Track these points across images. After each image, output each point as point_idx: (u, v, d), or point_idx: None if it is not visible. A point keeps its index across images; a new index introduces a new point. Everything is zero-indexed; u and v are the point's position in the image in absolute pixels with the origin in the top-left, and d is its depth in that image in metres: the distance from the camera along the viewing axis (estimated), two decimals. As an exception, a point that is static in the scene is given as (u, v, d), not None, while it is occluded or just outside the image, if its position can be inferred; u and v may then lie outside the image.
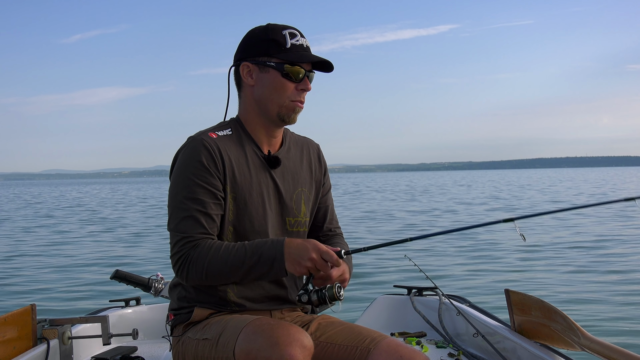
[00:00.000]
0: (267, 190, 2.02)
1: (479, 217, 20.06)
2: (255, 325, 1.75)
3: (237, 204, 1.96)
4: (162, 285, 3.04)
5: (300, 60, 1.95)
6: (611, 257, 10.42)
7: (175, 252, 1.89)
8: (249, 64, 1.99)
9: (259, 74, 1.98)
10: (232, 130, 2.03)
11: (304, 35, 2.00)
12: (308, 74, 1.99)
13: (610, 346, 2.07)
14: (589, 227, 15.52)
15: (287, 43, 1.95)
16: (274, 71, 1.95)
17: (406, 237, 1.89)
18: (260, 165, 2.02)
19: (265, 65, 1.96)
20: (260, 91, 1.99)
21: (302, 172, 2.13)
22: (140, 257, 12.05)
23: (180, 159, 1.95)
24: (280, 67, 1.94)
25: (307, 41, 2.00)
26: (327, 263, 1.78)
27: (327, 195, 2.23)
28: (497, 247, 12.11)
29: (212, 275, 1.86)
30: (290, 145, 2.13)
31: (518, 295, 2.64)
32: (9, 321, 2.32)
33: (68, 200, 43.30)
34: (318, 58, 1.97)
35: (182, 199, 1.90)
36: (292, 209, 2.07)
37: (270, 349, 1.64)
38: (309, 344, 1.69)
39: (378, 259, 10.36)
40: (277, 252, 1.81)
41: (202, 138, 1.95)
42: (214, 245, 1.86)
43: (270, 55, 1.95)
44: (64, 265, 11.15)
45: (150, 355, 2.92)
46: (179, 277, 1.91)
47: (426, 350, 2.85)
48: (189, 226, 1.88)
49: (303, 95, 2.00)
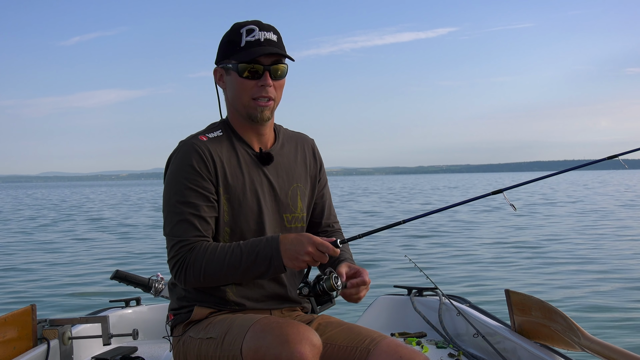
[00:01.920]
0: (261, 188, 2.02)
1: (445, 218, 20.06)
2: (264, 323, 1.75)
3: (231, 205, 1.97)
4: (162, 286, 3.04)
5: (249, 58, 1.92)
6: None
7: (172, 257, 1.90)
8: (218, 68, 2.03)
9: (226, 77, 2.01)
10: (223, 132, 2.04)
11: (267, 28, 1.96)
12: (269, 68, 1.96)
13: (610, 346, 2.07)
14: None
15: (242, 41, 1.95)
16: (234, 72, 1.97)
17: (400, 220, 1.89)
18: (253, 164, 2.03)
19: (227, 68, 1.98)
20: (230, 94, 2.02)
21: (297, 167, 2.13)
22: (140, 257, 12.05)
23: (173, 164, 1.97)
24: (235, 67, 1.95)
25: (267, 34, 1.96)
26: (325, 254, 1.79)
27: (323, 190, 2.22)
28: (497, 246, 12.11)
29: (209, 277, 1.86)
30: (283, 141, 2.13)
31: (518, 296, 2.64)
32: (9, 321, 2.32)
33: (68, 202, 43.29)
34: (270, 50, 1.93)
35: (175, 203, 1.91)
36: (289, 205, 2.07)
37: (280, 347, 1.64)
38: (317, 342, 1.70)
39: (378, 259, 10.37)
40: (273, 250, 1.81)
41: (192, 142, 1.96)
42: (210, 247, 1.87)
43: (229, 57, 1.97)
44: (64, 265, 11.15)
45: (150, 355, 2.91)
46: (177, 281, 1.93)
47: (426, 351, 2.85)
48: (184, 230, 1.89)
49: (266, 90, 1.96)
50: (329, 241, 1.80)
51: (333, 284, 1.80)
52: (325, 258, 1.79)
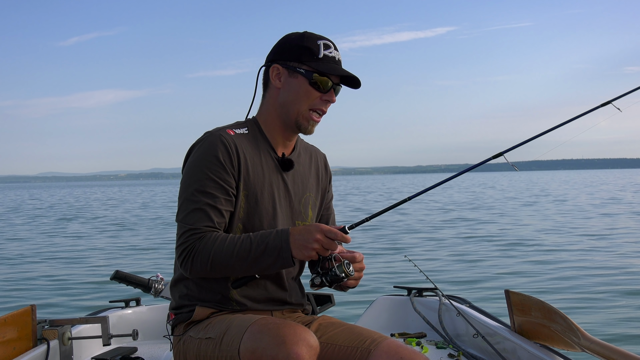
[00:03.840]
0: (277, 191, 2.03)
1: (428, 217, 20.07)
2: (261, 324, 1.75)
3: (248, 202, 1.97)
4: (162, 286, 3.04)
5: (330, 72, 1.97)
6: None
7: (181, 243, 1.90)
8: (279, 66, 2.01)
9: (288, 78, 2.00)
10: (249, 130, 2.05)
11: (338, 49, 2.03)
12: (335, 87, 2.01)
13: (610, 347, 2.07)
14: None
15: (320, 53, 1.97)
16: (303, 78, 1.97)
17: (404, 198, 1.92)
18: (274, 167, 2.04)
19: (295, 70, 1.98)
20: (286, 95, 2.01)
21: (311, 178, 2.16)
22: (140, 257, 12.05)
23: (196, 153, 1.96)
24: (309, 74, 1.97)
25: (339, 54, 2.03)
26: (334, 241, 1.80)
27: (329, 204, 2.27)
28: (497, 247, 12.12)
29: (217, 267, 1.86)
30: (300, 150, 2.17)
31: (518, 296, 2.64)
32: (9, 322, 2.32)
33: (67, 202, 43.30)
34: (348, 73, 2.00)
35: (193, 191, 1.91)
36: (301, 213, 2.10)
37: (277, 348, 1.64)
38: (315, 343, 1.70)
39: (378, 259, 10.37)
40: (283, 242, 1.82)
41: (220, 134, 1.97)
42: (220, 237, 1.87)
43: (302, 61, 1.97)
44: (64, 265, 11.15)
45: (150, 355, 2.92)
46: (183, 268, 1.91)
47: (426, 351, 2.85)
48: (197, 219, 1.88)
49: (327, 105, 2.03)
50: (338, 228, 1.81)
51: (346, 270, 1.83)
52: (335, 245, 1.80)
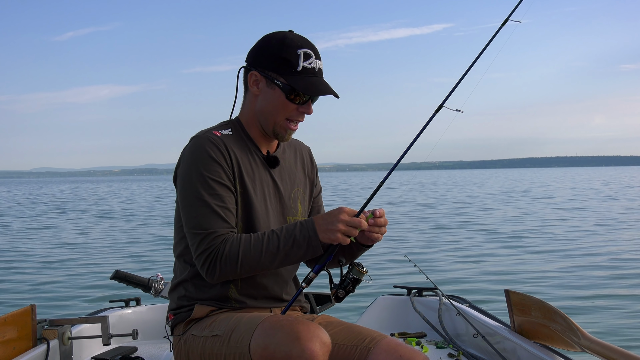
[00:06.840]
0: (267, 189, 2.05)
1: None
2: (273, 320, 1.75)
3: (243, 200, 1.98)
4: (162, 286, 3.04)
5: (306, 91, 1.95)
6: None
7: (204, 250, 1.86)
8: (257, 74, 1.99)
9: (265, 87, 1.99)
10: (233, 131, 2.05)
11: (320, 56, 2.01)
12: (312, 98, 2.00)
13: (610, 347, 2.07)
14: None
15: (299, 65, 1.94)
16: (279, 90, 1.96)
17: (379, 183, 1.93)
18: (261, 165, 2.05)
19: (272, 81, 1.96)
20: (263, 104, 2.00)
21: (297, 172, 2.17)
22: (140, 257, 12.05)
23: (189, 158, 1.95)
24: (286, 88, 1.95)
25: (320, 63, 2.00)
26: (359, 217, 1.83)
27: (318, 197, 2.28)
28: (497, 247, 12.12)
29: (246, 266, 1.85)
30: (284, 147, 2.17)
31: (518, 296, 2.64)
32: (9, 321, 2.32)
33: (65, 200, 43.29)
34: (325, 92, 1.97)
35: (199, 196, 1.89)
36: (291, 208, 2.11)
37: (291, 344, 1.64)
38: (327, 340, 1.70)
39: (378, 259, 10.36)
40: (310, 231, 1.83)
41: (207, 135, 1.97)
42: (243, 237, 1.87)
43: (280, 73, 1.95)
44: (63, 265, 11.15)
45: (150, 355, 2.92)
46: (208, 274, 1.87)
47: (426, 351, 2.85)
48: (213, 222, 1.87)
49: (303, 116, 2.03)
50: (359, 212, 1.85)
51: (360, 270, 1.91)
52: (361, 221, 1.82)
